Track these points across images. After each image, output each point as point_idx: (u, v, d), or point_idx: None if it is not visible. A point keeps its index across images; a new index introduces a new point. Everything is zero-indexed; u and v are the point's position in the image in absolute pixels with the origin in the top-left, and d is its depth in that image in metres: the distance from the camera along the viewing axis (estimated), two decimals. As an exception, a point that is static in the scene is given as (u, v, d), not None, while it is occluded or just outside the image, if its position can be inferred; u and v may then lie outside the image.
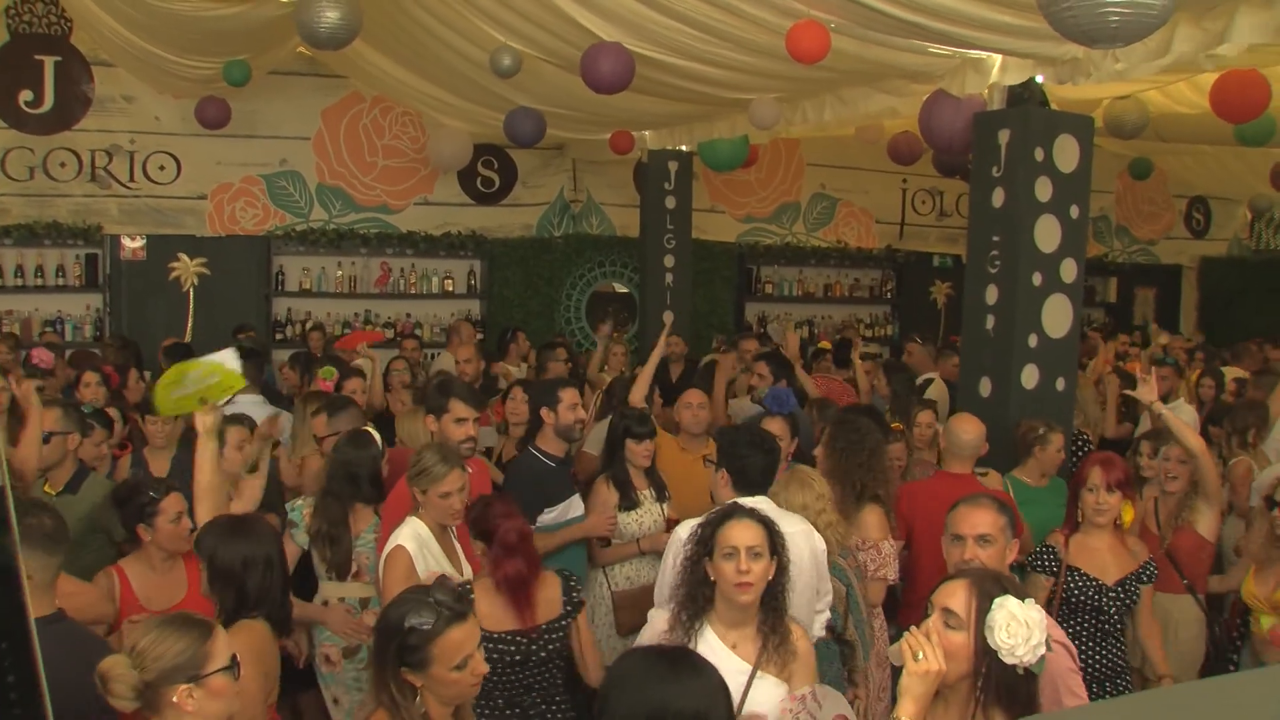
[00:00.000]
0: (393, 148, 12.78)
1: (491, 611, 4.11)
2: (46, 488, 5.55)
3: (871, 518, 5.26)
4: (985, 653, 2.82)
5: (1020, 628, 2.77)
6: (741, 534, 3.60)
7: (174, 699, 2.94)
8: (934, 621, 2.88)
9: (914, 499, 5.74)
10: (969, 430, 5.83)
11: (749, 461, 4.64)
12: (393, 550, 4.59)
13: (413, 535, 4.64)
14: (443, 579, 3.48)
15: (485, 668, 3.22)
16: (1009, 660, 2.78)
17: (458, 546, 4.87)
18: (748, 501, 4.43)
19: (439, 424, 5.39)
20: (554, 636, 4.24)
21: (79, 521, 4.50)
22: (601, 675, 4.15)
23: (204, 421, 4.49)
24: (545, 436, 5.82)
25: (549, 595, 4.28)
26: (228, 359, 4.55)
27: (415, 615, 3.11)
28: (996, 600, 2.82)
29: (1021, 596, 2.86)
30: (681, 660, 2.89)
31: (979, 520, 3.92)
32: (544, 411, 5.80)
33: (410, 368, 8.84)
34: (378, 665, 3.17)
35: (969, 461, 5.83)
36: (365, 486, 5.26)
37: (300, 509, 5.30)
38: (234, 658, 3.07)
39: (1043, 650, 2.80)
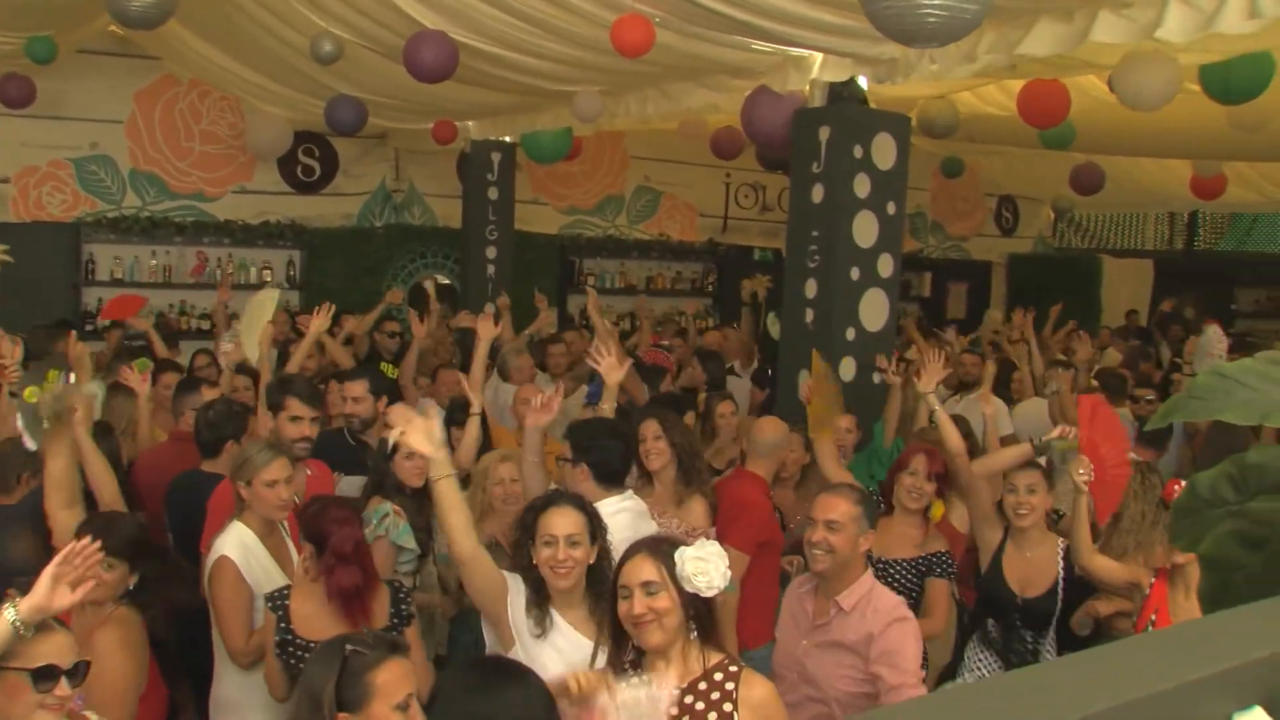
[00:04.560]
0: (210, 133, 12.40)
1: (314, 616, 3.98)
2: None
3: (699, 506, 5.22)
4: (688, 600, 3.14)
5: (704, 563, 3.11)
6: (561, 523, 3.60)
7: None
8: (638, 599, 3.14)
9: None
10: (768, 431, 5.77)
11: (611, 452, 4.60)
12: (216, 562, 4.33)
13: (236, 543, 4.38)
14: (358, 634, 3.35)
15: (424, 718, 2.98)
16: (709, 594, 3.14)
17: (290, 547, 4.60)
18: (613, 502, 4.46)
19: (276, 421, 5.28)
20: None
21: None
22: None
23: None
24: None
25: (377, 609, 4.12)
26: None
27: (354, 643, 2.92)
28: (676, 554, 3.15)
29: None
30: (497, 671, 2.87)
31: (830, 506, 4.07)
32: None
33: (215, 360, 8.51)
34: (310, 714, 2.92)
35: (769, 462, 5.68)
36: None
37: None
38: (54, 668, 2.88)
39: (727, 569, 3.17)
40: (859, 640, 3.86)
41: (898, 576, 5.03)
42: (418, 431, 3.56)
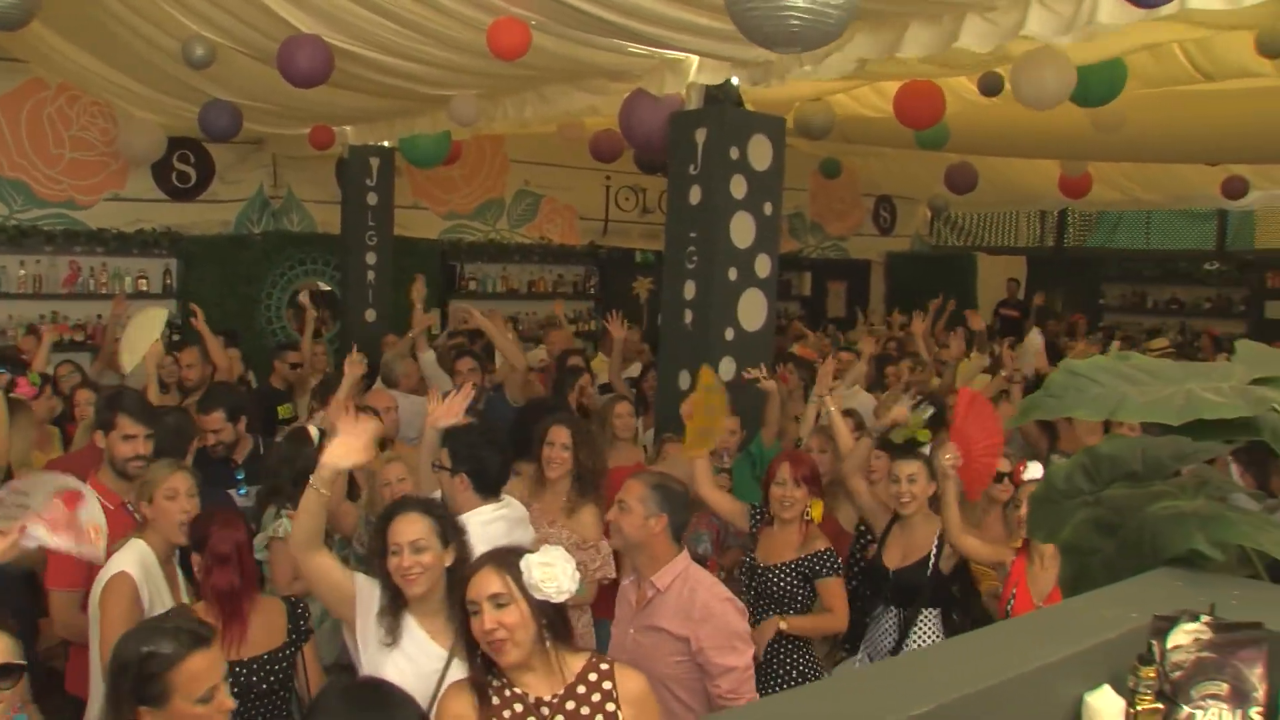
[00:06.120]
0: (80, 139, 12.06)
1: None
2: None
3: (589, 517, 5.24)
4: (540, 609, 3.14)
5: (551, 568, 3.14)
6: (405, 529, 3.59)
7: None
8: (487, 614, 3.11)
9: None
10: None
11: (489, 461, 4.56)
12: (116, 576, 4.11)
13: (137, 561, 4.18)
14: (182, 607, 3.32)
15: (232, 702, 2.97)
16: (560, 599, 3.15)
17: (180, 575, 4.44)
18: (488, 511, 4.43)
19: (106, 440, 4.91)
20: (276, 668, 3.99)
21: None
22: None
23: None
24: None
25: (271, 621, 4.05)
26: None
27: (152, 642, 2.86)
28: (523, 564, 3.16)
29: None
30: (374, 694, 2.88)
31: (625, 488, 4.16)
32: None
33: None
34: (111, 710, 2.91)
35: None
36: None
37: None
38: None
39: (575, 572, 3.20)
40: (677, 617, 3.92)
41: (779, 581, 5.09)
42: (340, 447, 3.54)
